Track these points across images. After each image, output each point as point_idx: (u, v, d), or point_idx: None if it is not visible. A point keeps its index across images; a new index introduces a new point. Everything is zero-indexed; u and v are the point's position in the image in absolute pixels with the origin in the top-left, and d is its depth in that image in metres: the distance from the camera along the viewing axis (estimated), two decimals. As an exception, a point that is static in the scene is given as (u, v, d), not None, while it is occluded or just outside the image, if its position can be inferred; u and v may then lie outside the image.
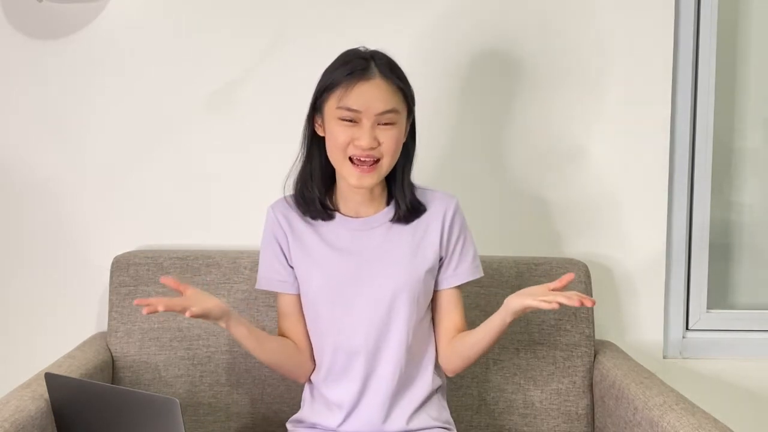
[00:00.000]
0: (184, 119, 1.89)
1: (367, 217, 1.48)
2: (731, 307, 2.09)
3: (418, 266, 1.45)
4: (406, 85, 1.43)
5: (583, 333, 1.76)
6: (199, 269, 1.77)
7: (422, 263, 1.46)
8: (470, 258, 1.51)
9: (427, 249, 1.47)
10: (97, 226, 1.90)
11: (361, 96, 1.37)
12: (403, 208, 1.46)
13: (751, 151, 2.09)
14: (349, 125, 1.38)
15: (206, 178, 1.90)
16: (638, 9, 1.90)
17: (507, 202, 1.92)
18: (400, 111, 1.40)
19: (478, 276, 1.52)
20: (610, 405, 1.63)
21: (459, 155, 1.91)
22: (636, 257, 1.94)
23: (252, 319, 1.74)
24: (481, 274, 1.53)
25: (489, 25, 1.90)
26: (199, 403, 1.73)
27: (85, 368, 1.58)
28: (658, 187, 1.94)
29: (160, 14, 1.87)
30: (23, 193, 1.89)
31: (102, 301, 1.89)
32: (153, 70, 1.88)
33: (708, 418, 1.35)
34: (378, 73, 1.39)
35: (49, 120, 1.88)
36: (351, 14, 1.87)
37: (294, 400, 1.67)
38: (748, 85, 2.07)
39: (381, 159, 1.39)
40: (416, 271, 1.45)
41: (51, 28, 1.86)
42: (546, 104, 1.91)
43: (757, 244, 2.10)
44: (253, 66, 1.88)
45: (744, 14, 2.06)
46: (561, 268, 1.79)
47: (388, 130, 1.39)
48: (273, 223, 1.50)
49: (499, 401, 1.75)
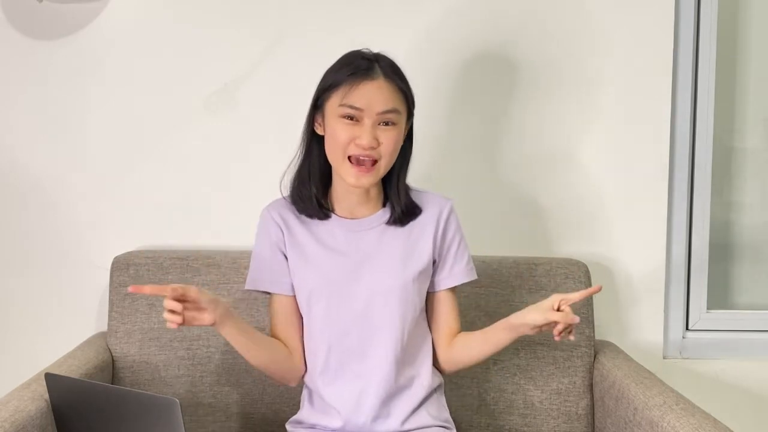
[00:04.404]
0: (184, 119, 1.89)
1: (362, 218, 1.48)
2: (731, 307, 2.09)
3: (411, 268, 1.46)
4: (407, 87, 1.44)
5: (583, 333, 1.76)
6: (199, 269, 1.77)
7: (415, 265, 1.46)
8: (465, 260, 1.52)
9: (421, 251, 1.48)
10: (97, 226, 1.90)
11: (364, 95, 1.38)
12: (399, 210, 1.47)
13: (751, 151, 2.09)
14: (350, 123, 1.39)
15: (206, 178, 1.90)
16: (638, 9, 1.90)
17: (506, 202, 1.92)
18: (401, 112, 1.41)
19: (473, 278, 1.53)
20: (610, 405, 1.63)
21: (458, 155, 1.91)
22: (636, 257, 1.94)
23: (251, 320, 1.74)
24: (475, 276, 1.53)
25: (487, 25, 1.90)
26: (199, 403, 1.73)
27: (85, 368, 1.58)
28: (659, 188, 1.94)
29: (160, 14, 1.87)
30: (23, 193, 1.89)
31: (102, 301, 1.89)
32: (153, 70, 1.88)
33: (708, 418, 1.35)
34: (381, 74, 1.40)
35: (49, 120, 1.88)
36: (352, 14, 1.88)
37: (294, 400, 1.67)
38: (748, 85, 2.07)
39: (379, 160, 1.40)
40: (409, 272, 1.45)
41: (51, 28, 1.86)
42: (545, 104, 1.91)
43: (757, 244, 2.10)
44: (254, 66, 1.88)
45: (744, 14, 2.06)
46: (561, 268, 1.79)
47: (389, 131, 1.40)
48: (269, 223, 1.50)
49: (499, 401, 1.75)
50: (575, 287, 1.77)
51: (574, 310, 1.78)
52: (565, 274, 1.78)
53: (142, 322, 1.74)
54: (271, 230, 1.50)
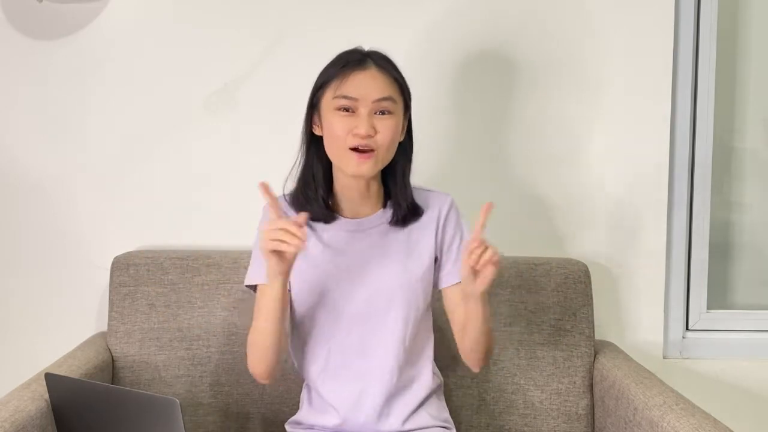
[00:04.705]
0: (184, 119, 1.89)
1: (363, 218, 1.48)
2: (731, 307, 2.09)
3: (413, 267, 1.45)
4: (401, 77, 1.43)
5: (583, 333, 1.76)
6: (199, 269, 1.77)
7: (417, 264, 1.46)
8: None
9: (423, 250, 1.47)
10: (97, 226, 1.90)
11: (357, 84, 1.37)
12: (403, 208, 1.46)
13: (751, 151, 2.09)
14: (346, 115, 1.38)
15: (206, 178, 1.90)
16: (638, 9, 1.90)
17: (507, 202, 1.92)
18: (396, 101, 1.40)
19: None
20: (610, 405, 1.63)
21: (458, 155, 1.91)
22: (636, 257, 1.94)
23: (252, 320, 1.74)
24: None
25: (487, 25, 1.89)
26: (199, 403, 1.73)
27: (85, 368, 1.58)
28: (658, 187, 1.94)
29: (160, 14, 1.87)
30: (23, 193, 1.89)
31: (102, 301, 1.89)
32: (153, 70, 1.88)
33: (708, 418, 1.35)
34: (373, 64, 1.40)
35: (49, 120, 1.88)
36: (352, 14, 1.87)
37: (293, 400, 1.67)
38: (748, 85, 2.07)
39: (377, 150, 1.38)
40: (411, 272, 1.45)
41: (51, 28, 1.86)
42: (545, 104, 1.91)
43: (757, 244, 2.10)
44: (254, 66, 1.88)
45: (744, 14, 2.06)
46: (561, 268, 1.79)
47: (385, 120, 1.38)
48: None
49: (499, 401, 1.75)
50: (575, 287, 1.77)
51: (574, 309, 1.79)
52: (565, 274, 1.78)
53: (142, 322, 1.74)
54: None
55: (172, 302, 1.75)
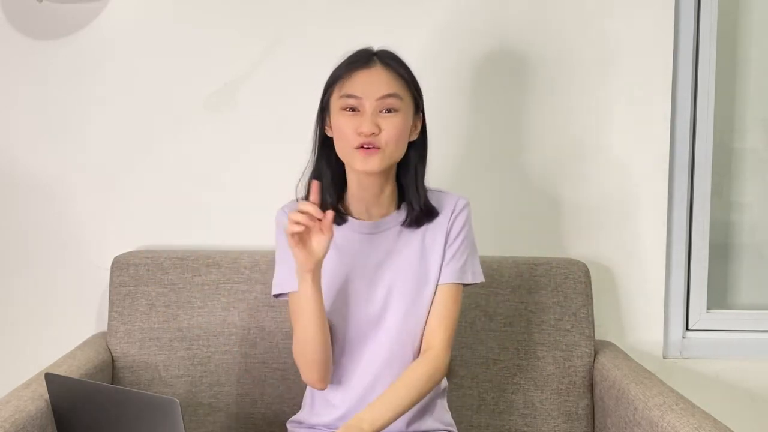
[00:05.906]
0: (184, 119, 1.89)
1: (377, 219, 1.46)
2: (731, 307, 2.09)
3: (426, 270, 1.44)
4: (409, 74, 1.41)
5: (583, 333, 1.76)
6: (199, 269, 1.77)
7: (431, 267, 1.44)
8: (462, 261, 1.45)
9: (435, 251, 1.45)
10: (97, 226, 1.90)
11: (361, 83, 1.37)
12: (417, 209, 1.44)
13: (751, 151, 2.09)
14: (352, 115, 1.37)
15: (206, 178, 1.90)
16: (638, 9, 1.90)
17: (507, 203, 1.92)
18: (402, 97, 1.38)
19: (462, 281, 1.45)
20: (610, 405, 1.63)
21: (457, 156, 1.91)
22: (636, 257, 1.94)
23: (252, 320, 1.74)
24: (466, 280, 1.45)
25: (489, 26, 1.89)
26: (199, 403, 1.73)
27: (85, 368, 1.58)
28: (658, 188, 1.94)
29: (160, 14, 1.87)
30: (23, 193, 1.89)
31: (102, 301, 1.89)
32: (153, 70, 1.88)
33: (708, 418, 1.35)
34: (379, 62, 1.39)
35: (49, 120, 1.88)
36: (352, 14, 1.87)
37: (294, 401, 1.67)
38: (748, 85, 2.07)
39: (382, 148, 1.35)
40: (424, 275, 1.44)
41: (51, 28, 1.86)
42: (545, 105, 1.91)
43: (757, 244, 2.10)
44: (254, 66, 1.88)
45: (744, 14, 2.06)
46: (561, 268, 1.79)
47: (391, 117, 1.36)
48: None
49: (499, 401, 1.75)
50: (575, 287, 1.77)
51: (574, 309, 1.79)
52: (565, 274, 1.78)
53: (142, 322, 1.74)
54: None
55: (172, 302, 1.75)
